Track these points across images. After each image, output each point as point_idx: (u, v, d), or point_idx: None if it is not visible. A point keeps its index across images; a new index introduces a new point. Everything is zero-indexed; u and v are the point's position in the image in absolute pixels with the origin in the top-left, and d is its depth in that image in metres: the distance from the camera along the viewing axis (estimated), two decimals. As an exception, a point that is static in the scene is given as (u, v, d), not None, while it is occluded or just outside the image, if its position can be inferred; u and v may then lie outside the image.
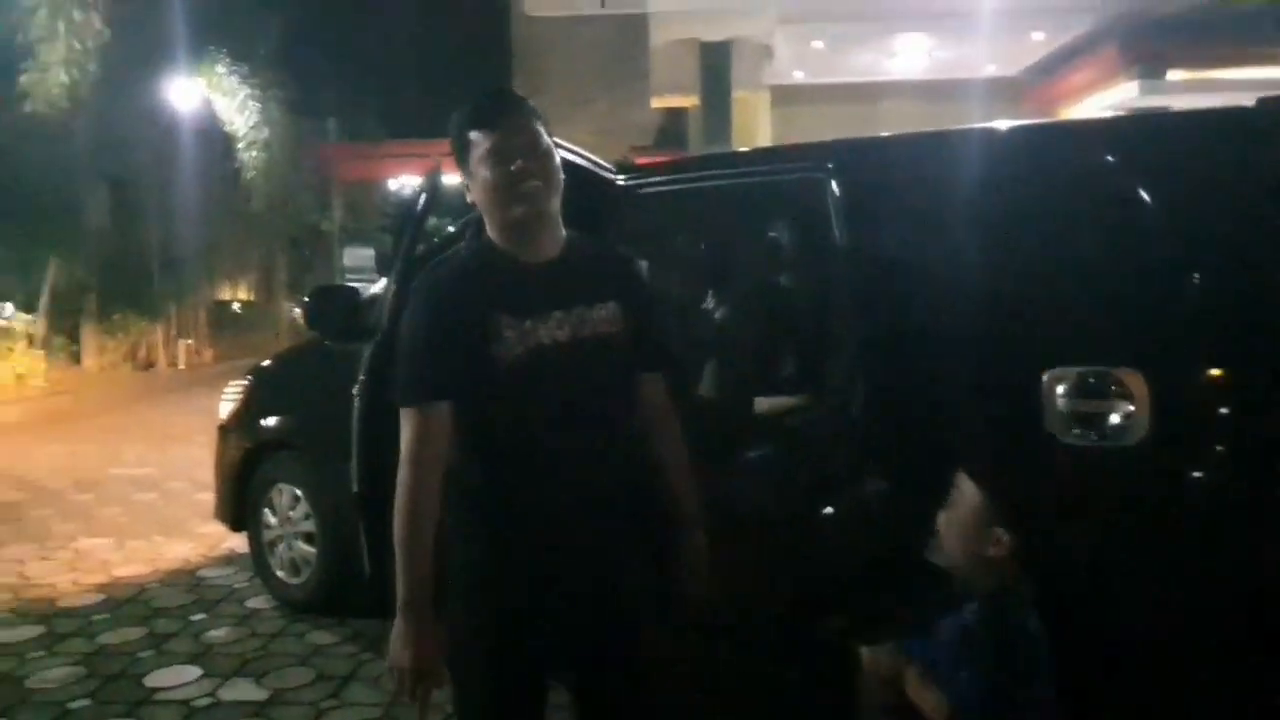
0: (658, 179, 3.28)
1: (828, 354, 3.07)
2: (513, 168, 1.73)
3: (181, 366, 14.78)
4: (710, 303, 3.81)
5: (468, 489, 1.80)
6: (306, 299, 3.95)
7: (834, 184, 2.61)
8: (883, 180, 2.64)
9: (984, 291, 2.40)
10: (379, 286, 3.99)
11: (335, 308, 3.80)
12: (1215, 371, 2.13)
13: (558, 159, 1.82)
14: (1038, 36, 14.06)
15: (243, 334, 17.27)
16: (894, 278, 2.53)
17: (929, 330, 2.45)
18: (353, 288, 4.33)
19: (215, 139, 15.11)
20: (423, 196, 3.06)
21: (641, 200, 3.17)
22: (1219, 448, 2.14)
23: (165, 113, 14.08)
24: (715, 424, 3.29)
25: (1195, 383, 2.13)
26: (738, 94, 14.27)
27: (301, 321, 4.42)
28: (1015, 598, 1.96)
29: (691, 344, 3.63)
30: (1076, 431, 2.19)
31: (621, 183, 3.15)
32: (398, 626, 1.71)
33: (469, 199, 1.84)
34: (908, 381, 2.47)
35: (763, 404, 3.30)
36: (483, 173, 1.76)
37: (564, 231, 1.87)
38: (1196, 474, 2.15)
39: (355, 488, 2.94)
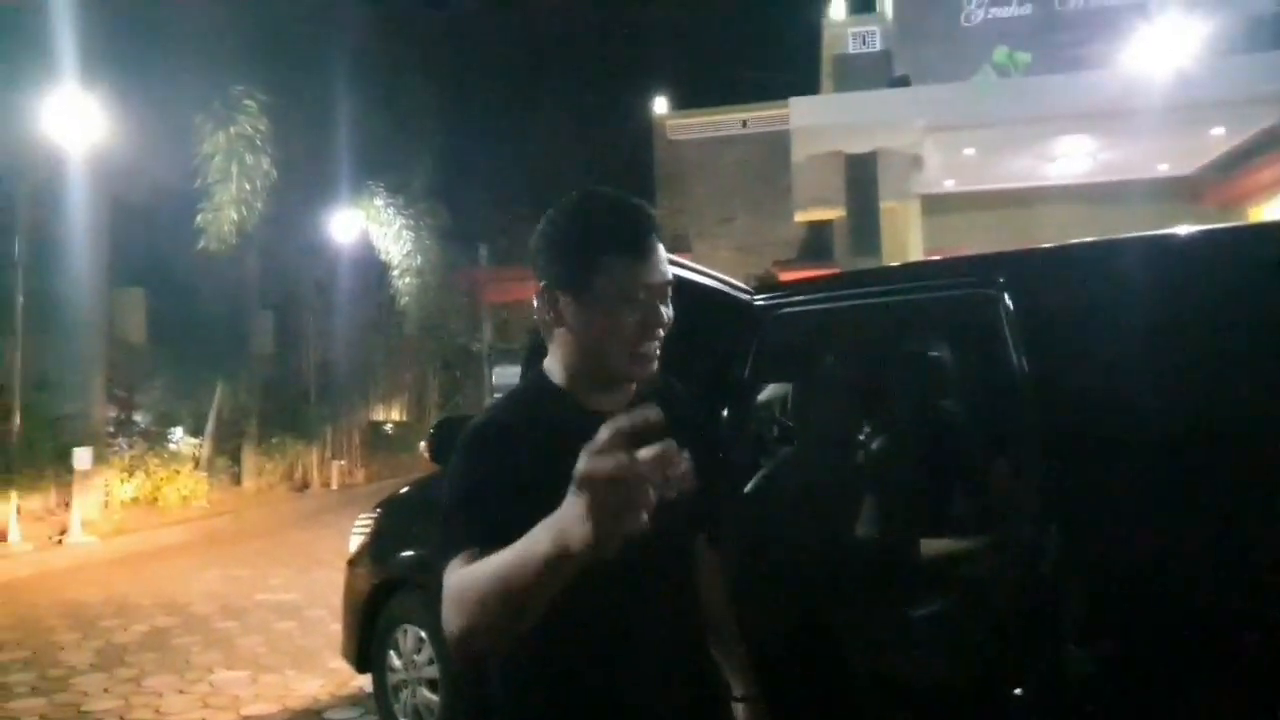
0: (801, 297, 2.99)
1: (1008, 493, 2.65)
2: (649, 317, 1.42)
3: (334, 487, 15.14)
4: (865, 433, 3.43)
5: (525, 702, 1.47)
6: (431, 431, 3.77)
7: (1008, 300, 2.25)
8: (1069, 295, 2.27)
9: (1205, 423, 1.98)
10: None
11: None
12: None
13: None
14: (1217, 132, 13.21)
15: (394, 454, 17.71)
16: (1092, 408, 2.12)
17: (1139, 471, 2.03)
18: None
19: (372, 267, 15.90)
20: None
21: (783, 320, 2.89)
22: None
23: (326, 244, 14.87)
24: (875, 569, 2.92)
25: None
26: (886, 204, 13.92)
27: (427, 455, 4.23)
28: None
29: (845, 478, 3.27)
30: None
31: (760, 303, 2.88)
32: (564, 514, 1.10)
33: (547, 315, 1.47)
34: (1111, 532, 2.04)
35: (931, 548, 2.91)
36: (603, 310, 1.41)
37: None
38: None
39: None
